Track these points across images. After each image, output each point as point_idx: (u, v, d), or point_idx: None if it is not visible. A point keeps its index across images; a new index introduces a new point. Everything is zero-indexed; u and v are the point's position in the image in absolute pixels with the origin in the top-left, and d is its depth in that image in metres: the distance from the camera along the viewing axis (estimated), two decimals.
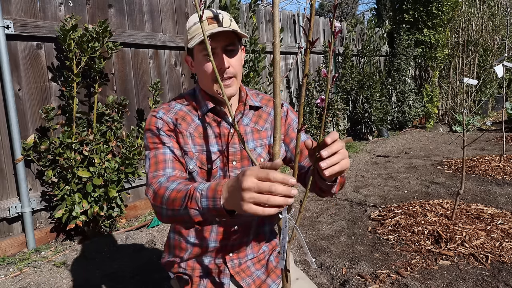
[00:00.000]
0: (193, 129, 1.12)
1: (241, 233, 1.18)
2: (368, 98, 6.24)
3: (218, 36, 1.04)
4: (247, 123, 1.18)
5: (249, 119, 1.19)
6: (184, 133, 1.11)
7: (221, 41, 1.05)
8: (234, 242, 1.18)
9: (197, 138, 1.12)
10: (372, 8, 9.43)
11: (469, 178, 3.89)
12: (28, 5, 2.54)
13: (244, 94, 1.19)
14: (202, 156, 1.11)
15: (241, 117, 1.17)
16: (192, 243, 1.18)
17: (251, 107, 1.19)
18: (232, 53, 1.08)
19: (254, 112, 1.20)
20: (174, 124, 1.11)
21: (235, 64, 1.09)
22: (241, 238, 1.19)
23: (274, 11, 0.74)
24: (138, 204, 3.19)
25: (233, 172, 1.14)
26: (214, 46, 1.05)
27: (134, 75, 3.19)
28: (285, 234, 0.84)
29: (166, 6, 3.42)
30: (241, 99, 1.18)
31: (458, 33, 7.78)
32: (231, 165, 1.14)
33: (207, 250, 1.18)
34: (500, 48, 8.59)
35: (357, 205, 3.28)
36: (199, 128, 1.13)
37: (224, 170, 1.13)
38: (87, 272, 2.23)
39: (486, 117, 8.74)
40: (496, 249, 2.25)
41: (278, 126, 0.79)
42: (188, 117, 1.14)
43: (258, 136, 1.18)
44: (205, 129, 1.13)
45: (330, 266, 2.23)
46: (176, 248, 1.21)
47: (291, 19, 5.21)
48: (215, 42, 1.05)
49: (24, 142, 2.45)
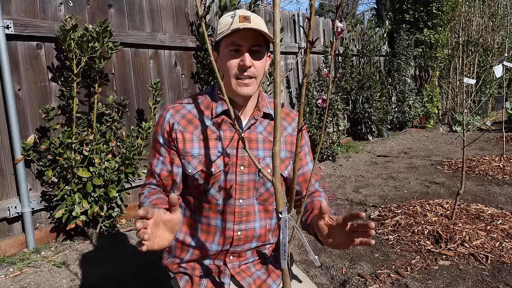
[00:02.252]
0: (199, 132, 1.13)
1: (244, 239, 1.18)
2: (368, 98, 6.24)
3: (246, 34, 1.05)
4: (260, 131, 1.17)
5: (264, 127, 1.18)
6: (188, 137, 1.12)
7: (248, 40, 1.07)
8: (236, 247, 1.18)
9: (203, 141, 1.12)
10: (372, 8, 9.44)
11: (469, 178, 3.89)
12: (28, 5, 2.54)
13: (261, 99, 1.19)
14: (205, 159, 1.11)
15: (254, 123, 1.17)
16: (194, 246, 1.18)
17: (266, 114, 1.19)
18: (256, 54, 1.09)
19: (269, 122, 1.20)
20: (177, 129, 1.12)
21: (258, 66, 1.09)
22: (244, 244, 1.19)
23: (275, 11, 0.74)
24: (138, 204, 3.19)
25: (240, 177, 1.14)
26: (241, 43, 1.06)
27: (134, 75, 3.19)
28: (285, 234, 0.84)
29: (166, 6, 3.42)
30: (258, 104, 1.18)
31: (458, 33, 7.78)
32: (238, 170, 1.13)
33: (208, 254, 1.18)
34: (500, 48, 8.59)
35: (357, 205, 3.28)
36: (206, 131, 1.13)
37: (230, 174, 1.13)
38: (87, 272, 2.23)
39: (486, 117, 8.74)
40: (496, 249, 2.25)
41: (278, 126, 0.79)
42: (196, 120, 1.14)
43: (269, 147, 1.18)
44: (214, 131, 1.13)
45: (330, 266, 2.23)
46: (177, 249, 1.21)
47: (291, 19, 5.21)
48: (242, 39, 1.06)
49: (24, 142, 2.45)
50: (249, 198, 1.16)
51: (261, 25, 1.08)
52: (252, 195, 1.17)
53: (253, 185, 1.16)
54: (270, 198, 1.20)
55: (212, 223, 1.16)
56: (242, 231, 1.17)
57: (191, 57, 3.63)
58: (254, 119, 1.16)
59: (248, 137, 1.15)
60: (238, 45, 1.07)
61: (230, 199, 1.14)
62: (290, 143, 1.23)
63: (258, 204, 1.19)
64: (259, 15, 4.65)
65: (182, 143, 1.12)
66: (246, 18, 1.07)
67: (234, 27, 1.04)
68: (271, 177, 0.83)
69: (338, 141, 5.27)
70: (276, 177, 0.81)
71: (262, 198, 1.19)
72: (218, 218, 1.15)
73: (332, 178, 4.30)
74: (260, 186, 1.17)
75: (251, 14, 1.09)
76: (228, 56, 1.08)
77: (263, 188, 1.18)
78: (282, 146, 1.21)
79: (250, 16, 1.08)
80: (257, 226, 1.19)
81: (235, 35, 1.06)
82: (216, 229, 1.16)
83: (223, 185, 1.13)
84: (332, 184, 4.02)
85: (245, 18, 1.07)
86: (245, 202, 1.16)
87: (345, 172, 4.54)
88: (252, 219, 1.18)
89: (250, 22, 1.07)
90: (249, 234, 1.18)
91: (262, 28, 1.07)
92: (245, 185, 1.15)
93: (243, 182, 1.14)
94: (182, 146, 1.12)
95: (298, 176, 1.23)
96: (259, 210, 1.19)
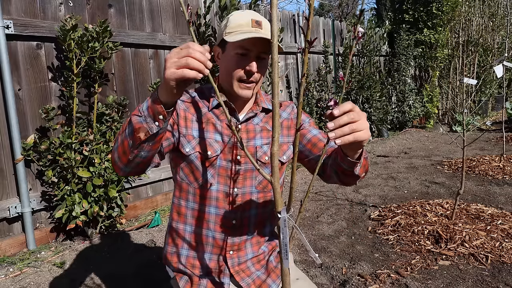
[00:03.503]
0: (200, 115, 1.16)
1: (240, 228, 1.19)
2: (368, 98, 6.24)
3: (256, 40, 1.07)
4: (257, 123, 1.21)
5: (260, 119, 1.22)
6: (189, 117, 1.15)
7: (258, 46, 1.09)
8: (234, 237, 1.18)
9: (203, 124, 1.15)
10: (372, 8, 9.44)
11: (469, 178, 3.89)
12: (28, 5, 2.54)
13: (259, 96, 1.23)
14: (203, 142, 1.13)
15: (252, 116, 1.20)
16: (190, 232, 1.19)
17: (264, 109, 1.23)
18: (262, 61, 1.13)
19: (265, 114, 1.24)
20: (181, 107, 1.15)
21: (262, 71, 1.13)
22: (241, 234, 1.19)
23: (272, 12, 0.75)
24: (138, 204, 3.20)
25: (236, 167, 1.16)
26: (250, 48, 1.09)
27: (134, 75, 3.19)
28: (285, 234, 0.84)
29: (166, 6, 3.42)
30: (256, 101, 1.22)
31: (458, 33, 7.78)
32: (235, 159, 1.16)
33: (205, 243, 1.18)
34: (500, 48, 8.59)
35: (357, 205, 3.28)
36: (207, 115, 1.16)
37: (226, 161, 1.15)
38: (87, 272, 2.23)
39: (486, 117, 8.73)
40: (496, 249, 2.25)
41: (277, 126, 0.79)
42: (199, 104, 1.17)
43: (267, 135, 1.21)
44: (213, 118, 1.16)
45: (330, 266, 2.23)
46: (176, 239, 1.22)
47: (291, 19, 5.21)
48: (251, 45, 1.08)
49: (24, 142, 2.45)
50: (245, 187, 1.18)
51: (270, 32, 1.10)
52: (249, 184, 1.18)
53: (249, 174, 1.18)
54: (269, 185, 1.21)
55: (206, 210, 1.17)
56: (238, 219, 1.18)
57: None
58: (252, 112, 1.19)
59: (245, 128, 1.19)
60: (247, 49, 1.09)
61: (225, 186, 1.16)
62: (286, 127, 1.25)
63: (257, 192, 1.20)
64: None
65: (184, 121, 1.14)
66: (258, 23, 1.10)
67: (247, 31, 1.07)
68: (269, 177, 0.83)
69: None
70: (275, 177, 0.81)
71: (261, 186, 1.20)
72: (212, 205, 1.16)
73: None
74: (258, 174, 1.19)
75: (262, 19, 1.12)
76: (235, 58, 1.10)
77: (261, 176, 1.19)
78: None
79: (262, 21, 1.11)
80: (252, 214, 1.20)
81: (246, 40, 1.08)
82: (209, 216, 1.16)
83: (218, 171, 1.15)
84: (332, 184, 4.02)
85: (258, 23, 1.10)
86: (240, 191, 1.17)
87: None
88: (248, 208, 1.19)
89: (262, 28, 1.10)
90: (244, 222, 1.19)
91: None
92: (241, 174, 1.16)
93: (239, 171, 1.16)
94: (184, 124, 1.14)
95: (306, 146, 1.23)
96: (258, 198, 1.20)
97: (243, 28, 1.08)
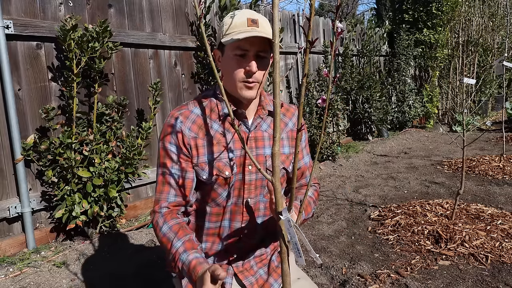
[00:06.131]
0: (210, 136, 1.13)
1: (248, 235, 1.20)
2: (368, 98, 6.24)
3: (253, 39, 1.05)
4: (265, 129, 1.19)
5: (268, 125, 1.20)
6: (200, 143, 1.12)
7: (256, 45, 1.06)
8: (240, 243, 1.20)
9: (215, 145, 1.12)
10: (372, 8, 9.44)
11: (469, 178, 3.89)
12: (28, 5, 2.54)
13: (263, 98, 1.21)
14: (218, 164, 1.11)
15: (260, 122, 1.18)
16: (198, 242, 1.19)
17: (270, 112, 1.21)
18: (262, 60, 1.09)
19: (272, 119, 1.21)
20: (189, 136, 1.11)
21: (263, 71, 1.10)
22: (248, 240, 1.21)
23: (274, 12, 0.75)
24: (138, 204, 3.19)
25: (248, 177, 1.15)
26: (247, 48, 1.06)
27: (134, 75, 3.19)
28: (292, 234, 0.84)
29: (166, 6, 3.42)
30: (261, 103, 1.19)
31: (458, 33, 7.78)
32: (247, 169, 1.14)
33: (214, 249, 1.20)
34: (500, 48, 8.59)
35: (357, 205, 3.28)
36: (216, 135, 1.13)
37: (239, 174, 1.14)
38: (87, 272, 2.23)
39: (486, 117, 8.74)
40: (496, 249, 2.25)
41: (278, 126, 0.79)
42: (205, 125, 1.13)
43: None
44: (223, 134, 1.13)
45: (330, 266, 2.23)
46: None
47: (291, 19, 5.21)
48: (248, 44, 1.05)
49: (24, 142, 2.45)
50: (257, 196, 1.18)
51: (268, 30, 1.09)
52: (259, 192, 1.18)
53: (260, 183, 1.18)
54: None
55: (220, 224, 1.17)
56: (247, 228, 1.18)
57: (191, 57, 3.63)
58: (259, 117, 1.18)
59: (254, 136, 1.17)
60: (244, 49, 1.06)
61: (240, 199, 1.16)
62: (292, 138, 1.25)
63: (266, 202, 1.20)
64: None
65: (195, 150, 1.11)
66: (254, 21, 1.07)
67: (242, 30, 1.04)
68: (270, 177, 0.83)
69: (338, 141, 5.27)
70: (276, 177, 0.81)
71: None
72: (226, 219, 1.17)
73: (332, 178, 4.30)
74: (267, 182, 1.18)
75: (259, 17, 1.09)
76: (234, 60, 1.08)
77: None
78: (285, 142, 1.23)
79: (258, 19, 1.08)
80: (260, 221, 1.21)
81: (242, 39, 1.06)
82: (224, 229, 1.17)
83: (234, 186, 1.14)
84: (332, 184, 4.02)
85: (254, 22, 1.06)
86: (253, 201, 1.17)
87: (345, 172, 4.54)
88: (256, 215, 1.20)
89: (258, 26, 1.07)
90: (251, 230, 1.20)
91: (269, 32, 1.07)
92: (253, 184, 1.16)
93: (251, 181, 1.16)
94: (196, 153, 1.11)
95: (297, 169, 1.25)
96: (265, 207, 1.21)
97: (239, 29, 1.06)
